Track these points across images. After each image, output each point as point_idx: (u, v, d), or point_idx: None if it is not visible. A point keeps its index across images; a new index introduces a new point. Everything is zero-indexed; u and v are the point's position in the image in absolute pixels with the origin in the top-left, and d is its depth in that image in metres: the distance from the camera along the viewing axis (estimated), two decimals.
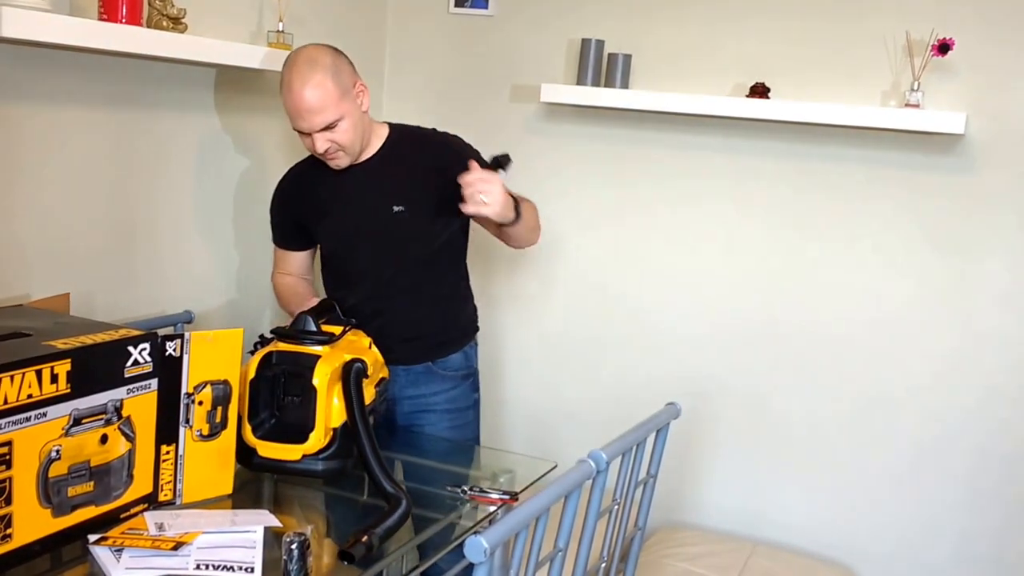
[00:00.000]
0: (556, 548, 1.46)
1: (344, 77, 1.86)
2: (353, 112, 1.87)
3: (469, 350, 2.11)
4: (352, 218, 1.99)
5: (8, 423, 1.23)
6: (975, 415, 2.36)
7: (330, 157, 1.91)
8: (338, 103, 1.83)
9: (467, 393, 2.10)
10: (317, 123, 1.83)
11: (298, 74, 1.82)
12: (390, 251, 1.96)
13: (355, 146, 1.91)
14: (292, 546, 1.29)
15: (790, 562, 2.43)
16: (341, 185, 1.98)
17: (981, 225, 2.32)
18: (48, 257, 1.87)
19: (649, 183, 2.62)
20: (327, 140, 1.85)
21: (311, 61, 1.83)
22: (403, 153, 1.97)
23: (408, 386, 2.02)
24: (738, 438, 2.59)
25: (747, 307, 2.55)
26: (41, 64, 1.79)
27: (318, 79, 1.81)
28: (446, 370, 2.05)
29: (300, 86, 1.81)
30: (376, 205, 1.95)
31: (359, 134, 1.90)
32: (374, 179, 1.96)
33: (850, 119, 2.28)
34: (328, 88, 1.82)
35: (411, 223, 1.94)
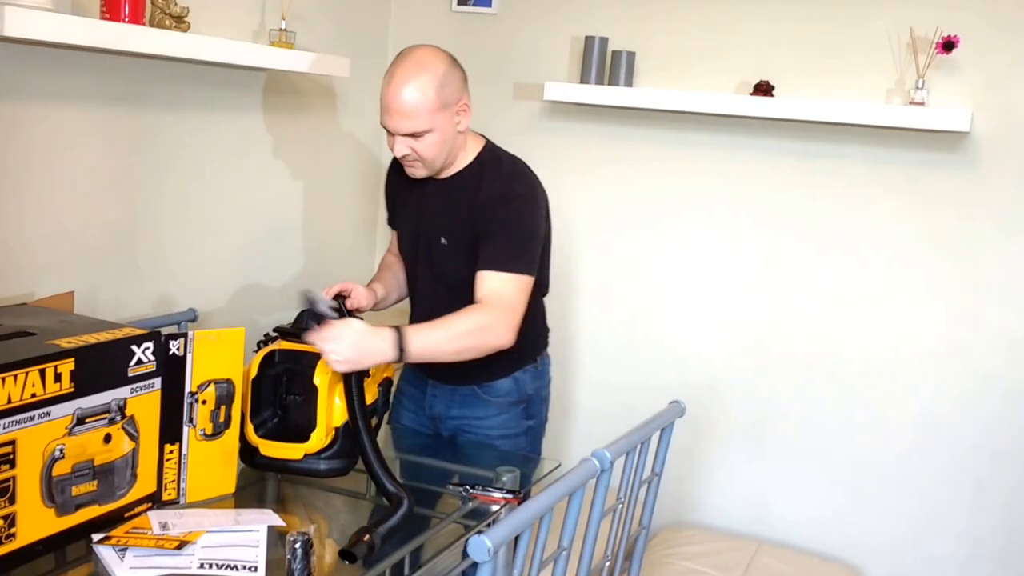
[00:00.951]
0: (560, 547, 1.46)
1: (449, 90, 1.75)
2: (445, 128, 1.76)
3: (521, 376, 1.97)
4: (412, 232, 1.94)
5: (12, 422, 1.23)
6: (980, 413, 2.36)
7: (407, 164, 1.82)
8: (432, 114, 1.72)
9: (516, 420, 1.98)
10: (403, 127, 1.73)
11: (402, 71, 1.72)
12: (433, 276, 1.90)
13: (436, 163, 1.80)
14: (296, 545, 1.29)
15: (795, 561, 2.43)
16: (416, 194, 1.91)
17: (986, 222, 2.31)
18: (52, 256, 1.87)
19: (653, 181, 2.61)
20: (408, 147, 1.76)
21: (421, 63, 1.73)
22: (473, 183, 1.84)
23: (453, 406, 1.97)
24: (742, 437, 2.59)
25: (751, 305, 2.55)
26: (43, 63, 1.79)
27: (421, 83, 1.71)
28: (492, 395, 1.96)
29: (399, 83, 1.71)
30: (431, 229, 1.88)
31: (444, 152, 1.79)
32: (439, 202, 1.87)
33: (854, 117, 2.27)
34: (427, 96, 1.71)
35: (451, 257, 1.85)
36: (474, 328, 1.72)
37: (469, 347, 1.73)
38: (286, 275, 2.52)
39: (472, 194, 1.83)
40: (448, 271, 1.87)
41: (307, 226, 2.60)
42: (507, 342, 1.75)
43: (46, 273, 1.85)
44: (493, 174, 1.85)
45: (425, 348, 1.67)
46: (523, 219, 1.81)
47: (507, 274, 1.76)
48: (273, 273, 2.48)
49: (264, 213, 2.43)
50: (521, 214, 1.81)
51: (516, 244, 1.79)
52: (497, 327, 1.73)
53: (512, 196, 1.82)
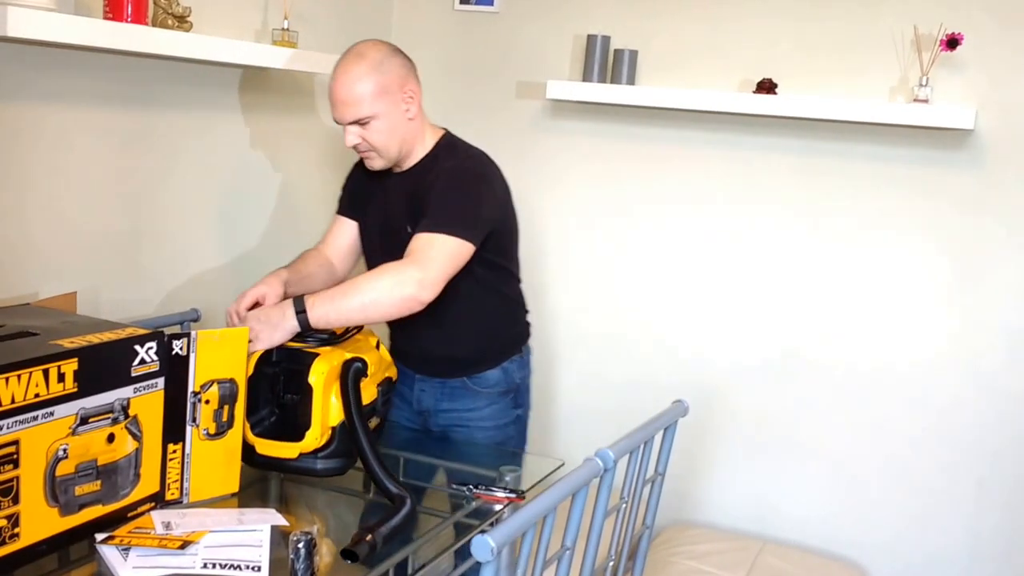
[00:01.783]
0: (563, 547, 1.45)
1: (390, 76, 1.79)
2: (392, 114, 1.80)
3: (509, 365, 2.00)
4: (376, 225, 1.95)
5: (15, 422, 1.23)
6: (982, 410, 2.35)
7: (362, 155, 1.88)
8: (374, 99, 1.78)
9: (505, 410, 2.01)
10: (348, 115, 1.79)
11: (342, 64, 1.80)
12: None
13: (389, 150, 1.84)
14: (299, 545, 1.29)
15: (800, 559, 2.43)
16: (377, 189, 1.94)
17: (991, 220, 2.30)
18: (55, 256, 1.87)
19: (656, 179, 2.61)
20: (357, 136, 1.81)
21: (359, 53, 1.80)
22: (431, 171, 1.87)
23: (443, 399, 1.98)
24: (746, 435, 2.58)
25: (754, 304, 2.54)
26: (46, 63, 1.79)
27: (359, 72, 1.77)
28: (481, 386, 1.98)
29: (339, 75, 1.79)
30: (394, 221, 1.89)
31: (396, 139, 1.83)
32: (400, 193, 1.90)
33: (858, 114, 2.27)
34: (366, 82, 1.77)
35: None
36: (383, 277, 1.68)
37: (376, 299, 1.66)
38: None
39: (431, 179, 1.85)
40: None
41: (310, 226, 2.60)
42: (421, 295, 1.68)
43: (49, 273, 1.85)
44: (452, 158, 1.88)
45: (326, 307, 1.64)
46: (466, 189, 1.82)
47: (436, 234, 1.73)
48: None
49: (267, 212, 2.43)
50: (464, 184, 1.82)
51: (452, 209, 1.77)
52: (408, 277, 1.67)
53: (460, 171, 1.84)
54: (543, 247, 2.75)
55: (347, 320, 1.69)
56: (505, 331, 2.03)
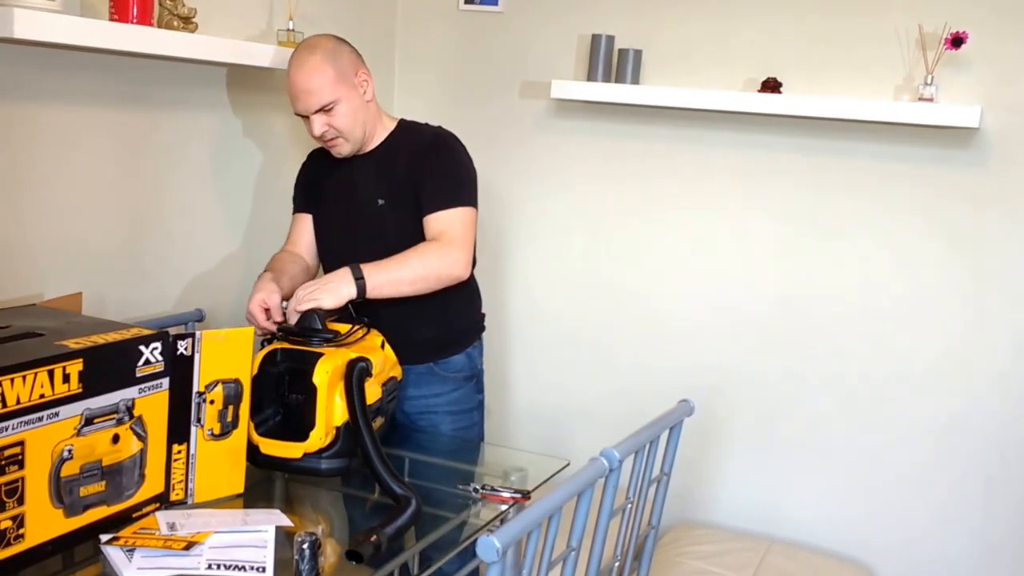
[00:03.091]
0: (569, 547, 1.45)
1: (343, 63, 1.90)
2: (352, 98, 1.90)
3: (472, 351, 2.08)
4: (341, 208, 2.00)
5: (20, 423, 1.23)
6: (991, 410, 2.34)
7: (329, 143, 1.93)
8: (334, 86, 1.86)
9: (470, 395, 2.08)
10: (312, 104, 1.86)
11: (296, 58, 1.89)
12: (372, 247, 1.89)
13: (354, 133, 1.92)
14: (304, 545, 1.29)
15: (806, 560, 2.42)
16: (340, 174, 2.00)
17: (996, 219, 2.29)
18: (60, 257, 1.87)
19: (660, 179, 2.61)
20: (325, 123, 1.88)
21: (310, 47, 1.90)
22: (398, 147, 1.98)
23: (409, 386, 2.00)
24: (752, 435, 2.58)
25: (760, 303, 2.54)
26: (52, 64, 1.80)
27: (315, 61, 1.86)
28: (448, 371, 2.03)
29: (296, 68, 1.87)
30: (364, 198, 1.97)
31: (359, 121, 1.92)
32: (367, 171, 1.98)
33: (863, 113, 2.26)
34: (324, 71, 1.86)
35: (391, 218, 1.94)
36: (433, 261, 1.84)
37: (426, 275, 1.83)
38: None
39: (402, 152, 1.96)
40: (389, 230, 1.94)
41: None
42: (463, 273, 1.88)
43: (54, 274, 1.86)
44: (418, 133, 2.00)
45: (382, 276, 1.78)
46: (458, 159, 1.95)
47: (453, 209, 1.89)
48: None
49: (271, 213, 2.44)
50: (454, 154, 1.96)
51: (455, 180, 1.92)
52: (452, 257, 1.85)
53: (442, 142, 1.97)
54: (546, 247, 2.75)
55: (397, 291, 1.82)
56: (468, 316, 2.10)
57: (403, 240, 1.89)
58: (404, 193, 1.93)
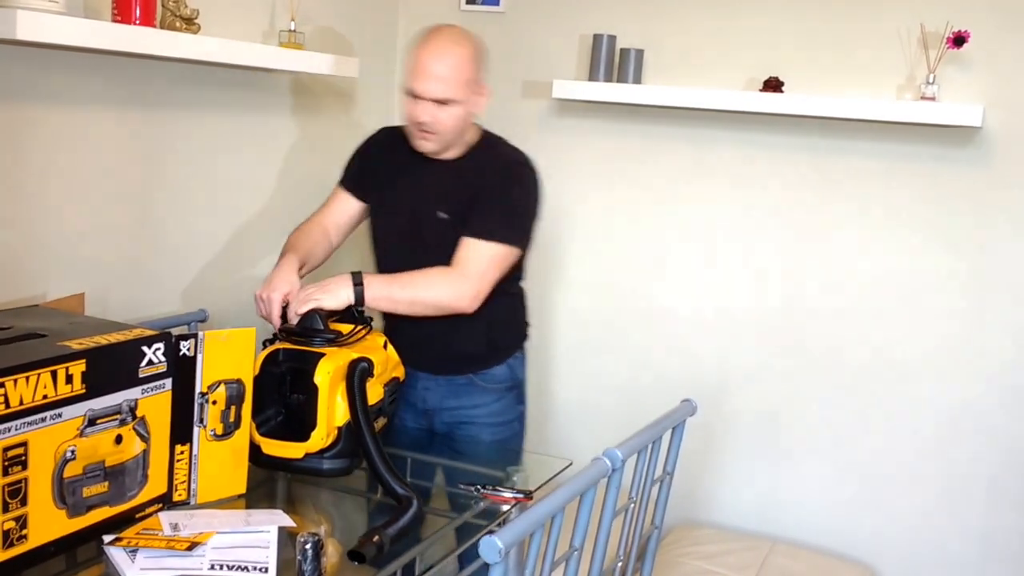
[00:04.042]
0: (572, 547, 1.45)
1: (479, 70, 1.86)
2: (467, 104, 1.84)
3: (514, 362, 2.03)
4: (405, 207, 1.94)
5: (23, 424, 1.24)
6: (993, 408, 2.34)
7: (421, 134, 1.86)
8: (462, 85, 1.82)
9: (511, 405, 2.03)
10: (434, 91, 1.80)
11: (441, 39, 1.83)
12: (429, 256, 1.88)
13: (448, 136, 1.86)
14: (306, 546, 1.29)
15: (809, 560, 2.42)
16: (410, 170, 1.94)
17: (998, 217, 2.29)
18: (63, 257, 1.87)
19: (662, 178, 2.61)
20: (432, 114, 1.82)
21: (458, 38, 1.85)
22: (473, 164, 1.92)
23: (449, 397, 1.98)
24: (755, 435, 2.58)
25: (763, 302, 2.53)
26: (55, 66, 1.80)
27: (460, 53, 1.82)
28: (488, 382, 1.98)
29: (437, 51, 1.81)
30: (428, 206, 1.91)
31: (459, 129, 1.87)
32: (438, 179, 1.92)
33: (865, 112, 2.26)
34: (463, 68, 1.82)
35: (449, 232, 1.87)
36: (438, 282, 1.81)
37: (426, 301, 1.81)
38: None
39: (477, 173, 1.90)
40: (444, 244, 1.88)
41: None
42: (467, 308, 1.81)
43: (57, 274, 1.86)
44: (496, 155, 1.94)
45: (381, 290, 1.77)
46: (514, 194, 1.89)
47: (485, 242, 1.82)
48: None
49: (274, 213, 2.44)
50: (514, 189, 1.89)
51: (502, 215, 1.86)
52: (460, 290, 1.80)
53: (509, 173, 1.90)
54: (548, 246, 2.74)
55: (393, 308, 1.82)
56: (512, 328, 2.06)
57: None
58: (465, 212, 1.87)
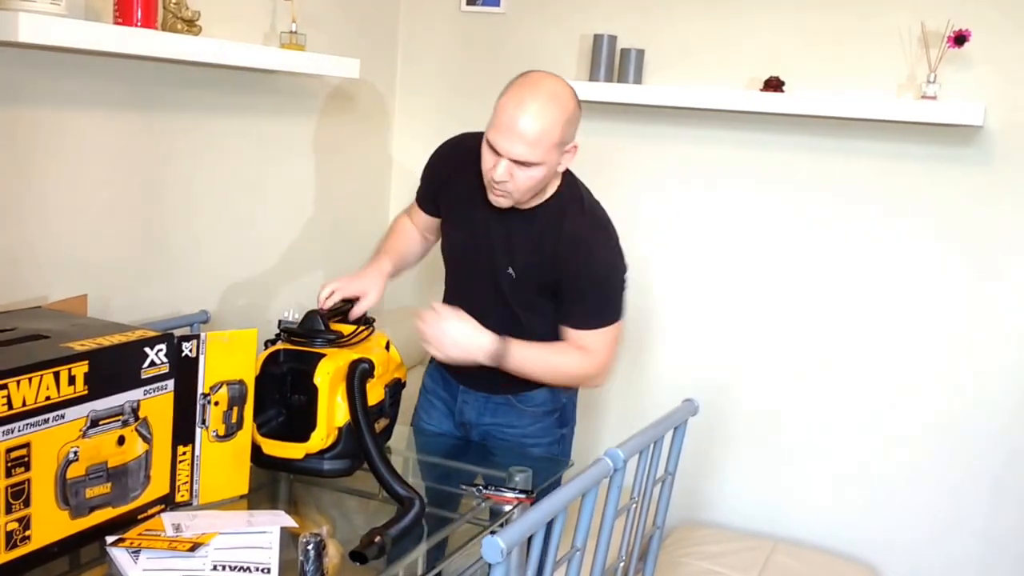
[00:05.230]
0: (573, 547, 1.45)
1: (570, 131, 1.71)
2: (551, 166, 1.70)
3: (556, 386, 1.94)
4: (471, 248, 1.87)
5: (26, 425, 1.24)
6: (996, 409, 2.34)
7: (496, 191, 1.72)
8: (548, 150, 1.67)
9: (549, 428, 1.95)
10: (517, 152, 1.65)
11: (535, 96, 1.66)
12: (488, 300, 1.84)
13: (526, 196, 1.74)
14: (308, 547, 1.29)
15: (812, 560, 2.41)
16: (482, 210, 1.81)
17: (1000, 216, 2.29)
18: (65, 259, 1.88)
19: (662, 178, 2.61)
20: (509, 174, 1.67)
21: (555, 95, 1.67)
22: (547, 224, 1.79)
23: (485, 413, 1.94)
24: (757, 434, 2.58)
25: (764, 302, 2.53)
26: (57, 68, 1.80)
27: (553, 117, 1.65)
28: (527, 404, 1.92)
29: (531, 109, 1.64)
30: (495, 255, 1.82)
31: (538, 187, 1.74)
32: (510, 229, 1.81)
33: (866, 112, 2.26)
34: (554, 131, 1.65)
35: (512, 289, 1.82)
36: (572, 372, 1.84)
37: (563, 383, 1.90)
38: (298, 276, 2.53)
39: (551, 236, 1.78)
40: (511, 298, 1.83)
41: (318, 227, 2.61)
42: (600, 385, 1.93)
43: (60, 276, 1.86)
44: (576, 215, 1.80)
45: (523, 366, 1.77)
46: (611, 275, 1.80)
47: (606, 328, 1.79)
48: (285, 274, 2.49)
49: (275, 214, 2.44)
50: (609, 271, 1.80)
51: (607, 299, 1.80)
52: (598, 376, 1.85)
53: (598, 256, 1.79)
54: None
55: (529, 373, 1.82)
56: None
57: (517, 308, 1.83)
58: (537, 278, 1.80)
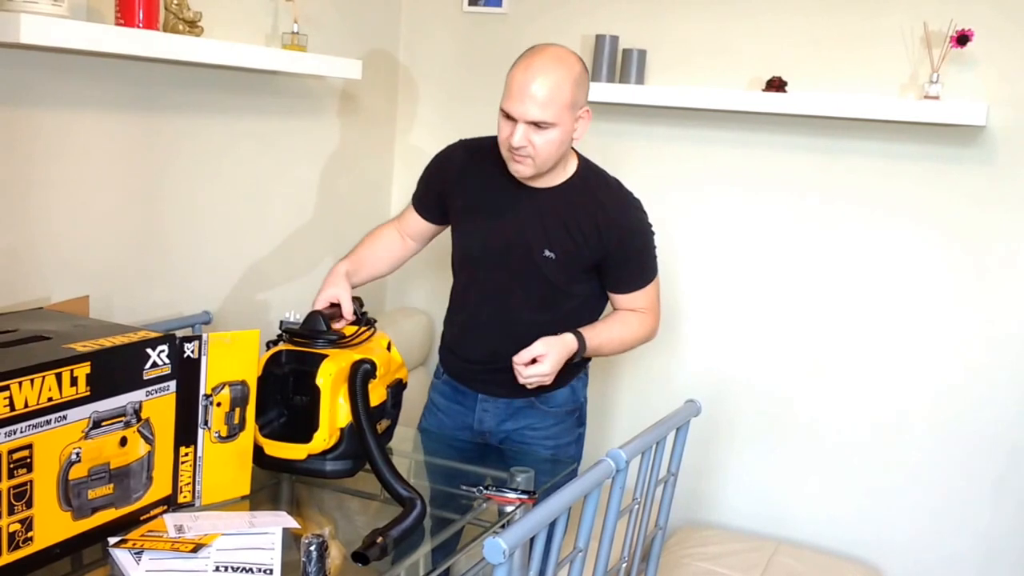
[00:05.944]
0: (576, 548, 1.45)
1: (580, 93, 1.75)
2: (566, 128, 1.73)
3: (577, 383, 1.97)
4: (499, 239, 1.85)
5: (28, 426, 1.24)
6: (999, 409, 2.33)
7: (517, 158, 1.75)
8: (563, 109, 1.70)
9: (570, 428, 1.98)
10: (531, 114, 1.69)
11: (543, 61, 1.71)
12: (522, 290, 1.85)
13: (548, 162, 1.76)
14: (311, 548, 1.29)
15: (814, 560, 2.41)
16: (507, 198, 1.84)
17: (1003, 217, 2.29)
18: (67, 260, 1.88)
19: (665, 179, 2.60)
20: (527, 138, 1.71)
21: (561, 57, 1.73)
22: (579, 200, 1.83)
23: (507, 419, 1.93)
24: (759, 435, 2.57)
25: (767, 302, 2.53)
26: (59, 69, 1.80)
27: (560, 75, 1.70)
28: (550, 405, 1.94)
29: (538, 71, 1.69)
30: (529, 240, 1.82)
31: (559, 153, 1.76)
32: (540, 214, 1.82)
33: (868, 112, 2.25)
34: (564, 89, 1.70)
35: (555, 273, 1.83)
36: (639, 337, 1.94)
37: (628, 349, 1.97)
38: (300, 277, 2.53)
39: (585, 207, 1.82)
40: (549, 282, 1.84)
41: (320, 227, 2.61)
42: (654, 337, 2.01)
43: (61, 277, 1.86)
44: (604, 188, 1.88)
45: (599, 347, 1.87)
46: (647, 234, 1.92)
47: (651, 287, 1.93)
48: (287, 275, 2.49)
49: (277, 215, 2.44)
50: (644, 230, 1.91)
51: (648, 259, 1.92)
52: (654, 331, 1.98)
53: (638, 221, 1.89)
54: None
55: (604, 352, 1.92)
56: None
57: (555, 297, 1.85)
58: (580, 255, 1.82)
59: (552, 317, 1.84)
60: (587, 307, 1.91)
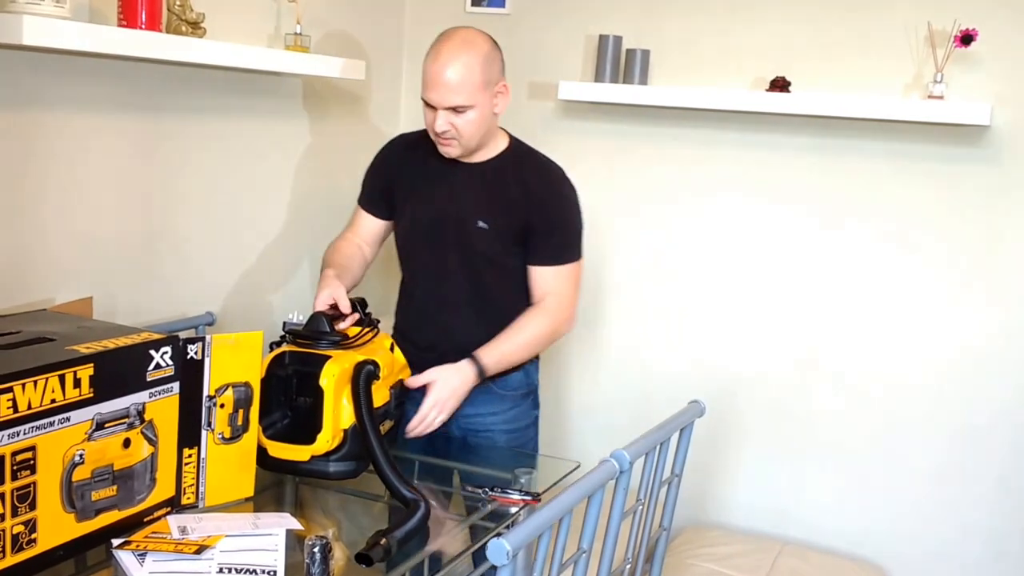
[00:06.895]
0: (580, 549, 1.45)
1: (493, 70, 1.84)
2: (485, 107, 1.83)
3: (530, 367, 2.03)
4: (436, 214, 1.94)
5: (32, 428, 1.24)
6: (1006, 409, 2.33)
7: (443, 141, 1.86)
8: (476, 91, 1.80)
9: (527, 411, 2.05)
10: (448, 100, 1.79)
11: (450, 47, 1.81)
12: (459, 262, 1.92)
13: (472, 140, 1.86)
14: (314, 549, 1.29)
15: (819, 562, 2.41)
16: (442, 176, 1.94)
17: (1009, 216, 2.28)
18: (71, 261, 1.88)
19: (668, 180, 2.60)
20: (449, 122, 1.82)
21: (468, 42, 1.82)
22: (509, 170, 1.92)
23: (466, 405, 1.94)
24: (764, 435, 2.57)
25: (771, 303, 2.53)
26: (62, 71, 1.80)
27: (468, 59, 1.79)
28: (505, 389, 1.99)
29: (447, 59, 1.79)
30: (463, 213, 1.91)
31: (481, 131, 1.86)
32: (472, 187, 1.92)
33: (872, 111, 2.25)
34: (474, 72, 1.79)
35: (489, 243, 1.90)
36: (543, 333, 1.92)
37: (540, 348, 1.96)
38: (302, 278, 2.53)
39: (514, 179, 1.90)
40: (484, 254, 1.91)
41: (323, 229, 2.60)
42: (569, 330, 1.97)
43: (65, 278, 1.86)
44: (533, 162, 1.95)
45: (500, 362, 1.87)
46: (573, 208, 1.94)
47: (564, 266, 1.92)
48: (290, 276, 2.49)
49: (281, 216, 2.44)
50: (570, 203, 1.94)
51: (570, 233, 1.93)
52: (562, 322, 1.94)
53: (560, 187, 1.94)
54: None
55: (512, 362, 1.92)
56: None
57: (491, 268, 1.91)
58: (511, 225, 1.89)
59: (487, 294, 1.92)
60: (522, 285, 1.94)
